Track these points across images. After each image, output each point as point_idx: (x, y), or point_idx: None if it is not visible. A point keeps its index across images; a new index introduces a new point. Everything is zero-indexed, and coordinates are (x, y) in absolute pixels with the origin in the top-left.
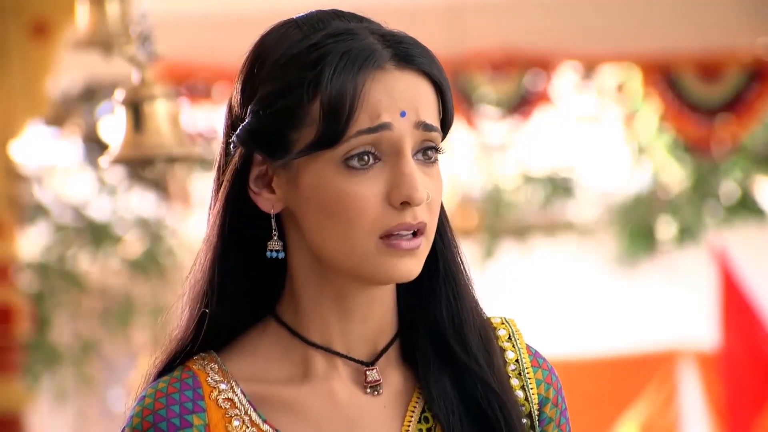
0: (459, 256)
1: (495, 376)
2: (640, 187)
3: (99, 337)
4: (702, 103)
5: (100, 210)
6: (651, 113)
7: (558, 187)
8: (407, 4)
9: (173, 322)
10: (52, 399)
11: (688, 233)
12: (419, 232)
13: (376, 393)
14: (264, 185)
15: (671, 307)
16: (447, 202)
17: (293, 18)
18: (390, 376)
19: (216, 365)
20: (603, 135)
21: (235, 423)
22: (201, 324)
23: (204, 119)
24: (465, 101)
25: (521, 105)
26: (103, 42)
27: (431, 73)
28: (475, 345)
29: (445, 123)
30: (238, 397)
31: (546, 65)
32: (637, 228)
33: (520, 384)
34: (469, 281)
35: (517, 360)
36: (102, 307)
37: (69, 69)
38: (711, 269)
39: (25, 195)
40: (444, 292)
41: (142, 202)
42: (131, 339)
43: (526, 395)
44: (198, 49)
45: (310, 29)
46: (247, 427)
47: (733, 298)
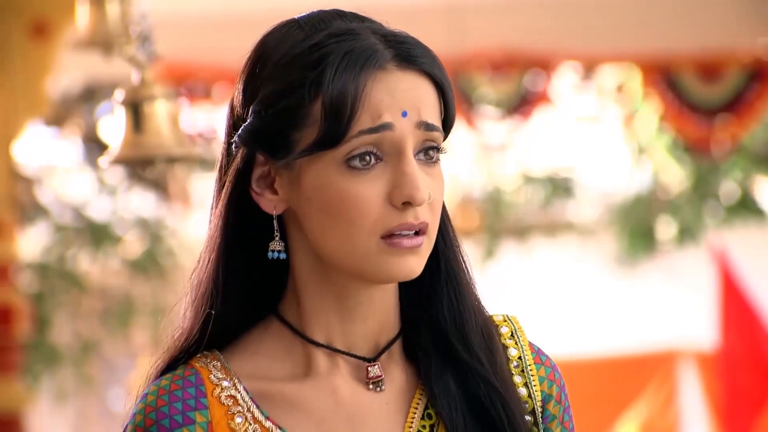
0: (461, 255)
1: (497, 374)
2: (640, 187)
3: (99, 337)
4: (702, 103)
5: (100, 210)
6: (651, 113)
7: (558, 187)
8: (407, 4)
9: (175, 322)
10: (52, 399)
11: (688, 233)
12: (421, 231)
13: (378, 389)
14: (266, 186)
15: (671, 307)
16: (447, 202)
17: (295, 18)
18: (393, 373)
19: (219, 363)
20: (603, 135)
21: (238, 420)
22: (206, 325)
23: (204, 119)
24: (465, 101)
25: (521, 105)
26: (103, 42)
27: (433, 74)
28: (477, 344)
29: (447, 123)
30: (240, 394)
31: (546, 65)
32: (637, 228)
33: (523, 381)
34: (471, 280)
35: (520, 357)
36: (102, 307)
37: (69, 69)
38: (711, 269)
39: (26, 195)
40: (446, 291)
41: (142, 202)
42: (131, 339)
43: (529, 392)
44: (198, 49)
45: (311, 29)
46: (250, 424)
47: (733, 298)
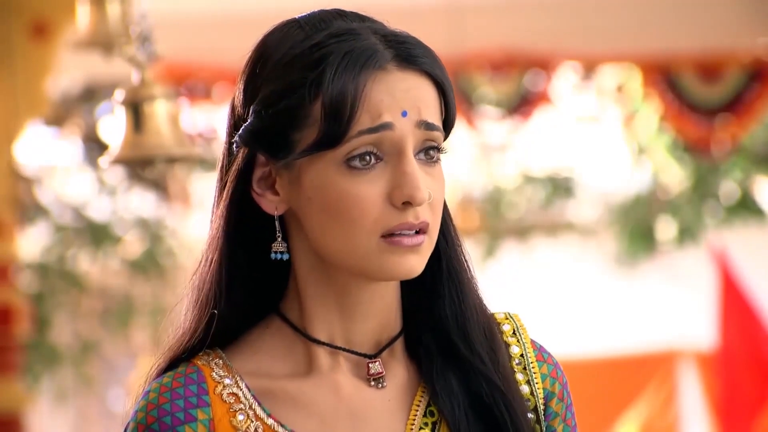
0: (462, 254)
1: (499, 373)
2: (640, 187)
3: (99, 337)
4: (702, 104)
5: (100, 210)
6: (651, 113)
7: (558, 187)
8: (407, 4)
9: (176, 322)
10: (52, 399)
11: (688, 233)
12: (422, 231)
13: (379, 385)
14: (267, 187)
15: (671, 307)
16: (448, 202)
17: (295, 18)
18: (395, 370)
19: (221, 360)
20: (603, 135)
21: (240, 417)
22: (209, 325)
23: (204, 119)
24: (465, 101)
25: (521, 105)
26: (103, 42)
27: (433, 74)
28: (479, 343)
29: (447, 123)
30: (242, 392)
31: (546, 65)
32: (637, 228)
33: (525, 378)
34: (473, 279)
35: (522, 355)
36: (102, 307)
37: (69, 69)
38: (711, 269)
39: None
40: (447, 290)
41: (142, 202)
42: (131, 339)
43: (531, 389)
44: (198, 49)
45: (312, 29)
46: (252, 422)
47: (733, 298)
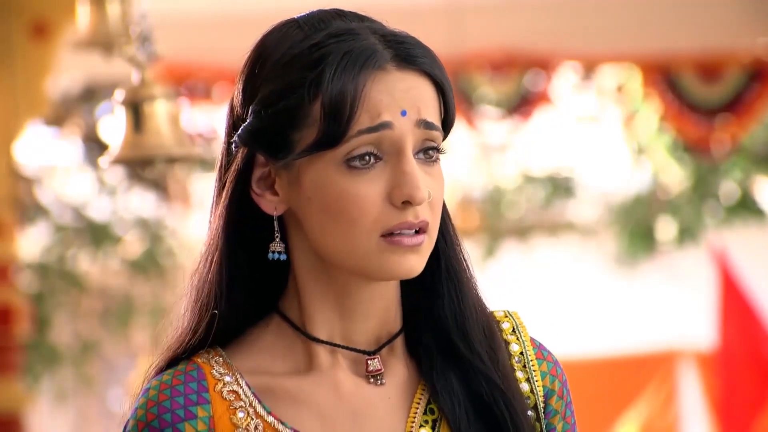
0: (461, 254)
1: (499, 371)
2: (640, 187)
3: (99, 337)
4: (702, 104)
5: (100, 210)
6: (651, 113)
7: (558, 187)
8: (407, 4)
9: (175, 322)
10: (52, 399)
11: (688, 233)
12: (421, 230)
13: (378, 382)
14: (266, 187)
15: (671, 307)
16: (447, 202)
17: (294, 18)
18: (395, 368)
19: (221, 359)
20: (603, 135)
21: (240, 415)
22: (210, 325)
23: (204, 119)
24: (465, 101)
25: (521, 105)
26: (104, 42)
27: (433, 74)
28: (479, 342)
29: (447, 123)
30: (242, 390)
31: (546, 65)
32: (637, 228)
33: (525, 376)
34: (472, 278)
35: (522, 353)
36: (102, 307)
37: (69, 69)
38: (711, 269)
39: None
40: (447, 289)
41: (142, 202)
42: (131, 339)
43: (531, 387)
44: (198, 49)
45: (311, 29)
46: (252, 419)
47: (733, 298)
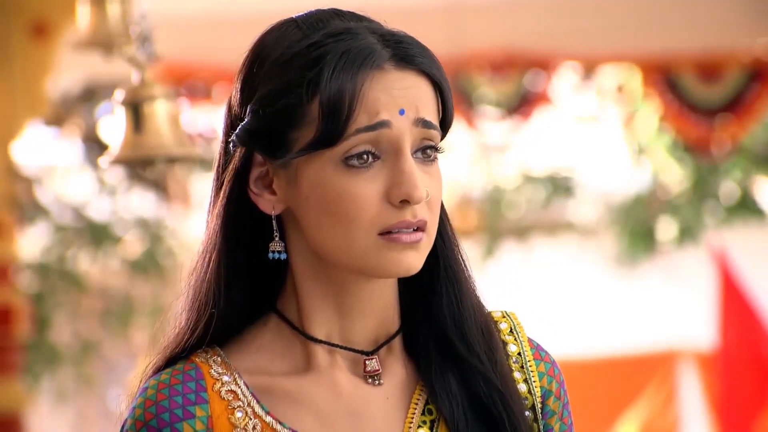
0: (460, 254)
1: (497, 372)
2: (640, 187)
3: (99, 337)
4: (702, 104)
5: (100, 210)
6: (651, 113)
7: (558, 187)
8: (407, 4)
9: (173, 322)
10: (52, 399)
11: (688, 233)
12: (419, 229)
13: (376, 382)
14: (264, 186)
15: (671, 308)
16: (447, 202)
17: (292, 17)
18: (393, 368)
19: (219, 358)
20: (603, 135)
21: (238, 414)
22: (208, 325)
23: (204, 119)
24: (465, 101)
25: (521, 105)
26: (103, 42)
27: (431, 73)
28: (477, 342)
29: (445, 123)
30: (241, 389)
31: (546, 65)
32: (637, 228)
33: (522, 377)
34: (470, 278)
35: (519, 353)
36: (102, 307)
37: (69, 69)
38: (711, 269)
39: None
40: (445, 290)
41: (142, 202)
42: (131, 339)
43: (528, 388)
44: (198, 49)
45: (309, 28)
46: (250, 419)
47: (733, 298)
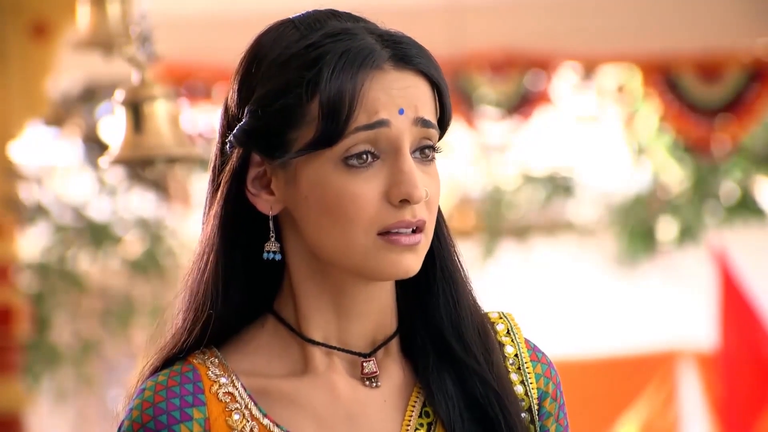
0: (456, 255)
1: (494, 373)
2: (640, 187)
3: (99, 338)
4: (702, 104)
5: (100, 210)
6: (651, 114)
7: (558, 187)
8: (407, 4)
9: (171, 322)
10: (52, 399)
11: (688, 233)
12: (418, 229)
13: (373, 385)
14: (262, 187)
15: (671, 308)
16: (446, 202)
17: (290, 18)
18: (390, 370)
19: (216, 360)
20: (603, 135)
21: (236, 417)
22: (206, 325)
23: (204, 119)
24: (465, 101)
25: (521, 105)
26: (103, 42)
27: (429, 74)
28: (474, 343)
29: (443, 123)
30: (238, 391)
31: (546, 65)
32: (637, 228)
33: (519, 379)
34: (467, 280)
35: (516, 354)
36: (102, 308)
37: (69, 69)
38: (711, 269)
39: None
40: (442, 291)
41: (142, 202)
42: (131, 339)
43: (525, 390)
44: (198, 49)
45: (307, 29)
46: (248, 421)
47: (733, 298)
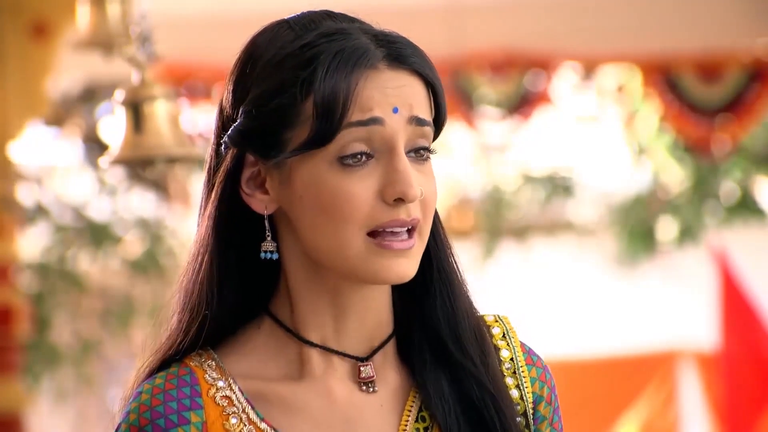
0: (452, 256)
1: (490, 376)
2: (640, 187)
3: (99, 337)
4: (702, 104)
5: (100, 210)
6: (651, 114)
7: (558, 187)
8: (407, 4)
9: (166, 323)
10: (52, 399)
11: (688, 233)
12: (413, 229)
13: (370, 389)
14: (256, 186)
15: (671, 308)
16: (446, 202)
17: (284, 19)
18: (387, 374)
19: (213, 362)
20: (603, 135)
21: (233, 420)
22: (201, 326)
23: (204, 119)
24: (465, 101)
25: (521, 105)
26: (103, 42)
27: (424, 73)
28: (471, 345)
29: (438, 123)
30: (235, 395)
31: (546, 65)
32: (637, 228)
33: (515, 383)
34: (463, 281)
35: (512, 359)
36: (102, 307)
37: (69, 69)
38: (711, 269)
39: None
40: (439, 292)
41: (142, 202)
42: (131, 339)
43: (521, 394)
44: (198, 49)
45: (302, 29)
46: (245, 425)
47: (733, 298)
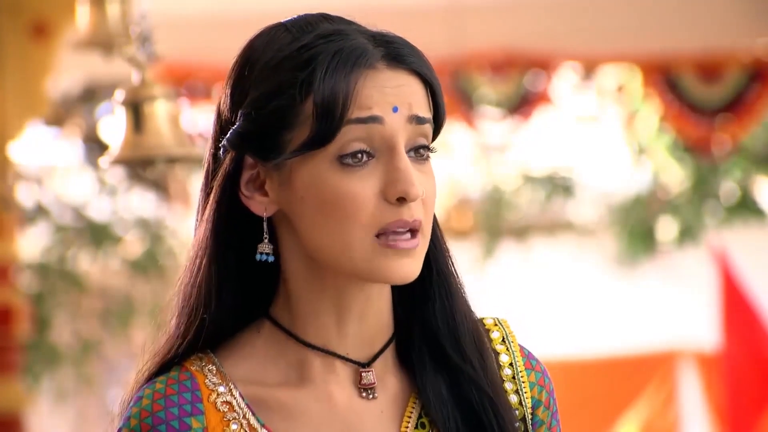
0: (451, 260)
1: (488, 379)
2: (640, 187)
3: (99, 337)
4: (702, 104)
5: (100, 210)
6: (651, 114)
7: (558, 187)
8: (407, 4)
9: (165, 326)
10: (52, 399)
11: (688, 233)
12: (415, 230)
13: (370, 396)
14: (256, 189)
15: (671, 308)
16: (446, 202)
17: (281, 22)
18: (387, 380)
19: (214, 367)
20: (603, 135)
21: (233, 427)
22: (200, 329)
23: (204, 119)
24: (465, 102)
25: (521, 105)
26: (103, 42)
27: (422, 72)
28: (470, 349)
29: (437, 122)
30: (236, 401)
31: (546, 65)
32: (637, 228)
33: (514, 388)
34: (462, 285)
35: (511, 363)
36: (102, 307)
37: (69, 69)
38: (711, 269)
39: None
40: (437, 295)
41: (142, 202)
42: (131, 339)
43: (520, 399)
44: (198, 49)
45: (299, 31)
46: (245, 431)
47: (733, 298)
